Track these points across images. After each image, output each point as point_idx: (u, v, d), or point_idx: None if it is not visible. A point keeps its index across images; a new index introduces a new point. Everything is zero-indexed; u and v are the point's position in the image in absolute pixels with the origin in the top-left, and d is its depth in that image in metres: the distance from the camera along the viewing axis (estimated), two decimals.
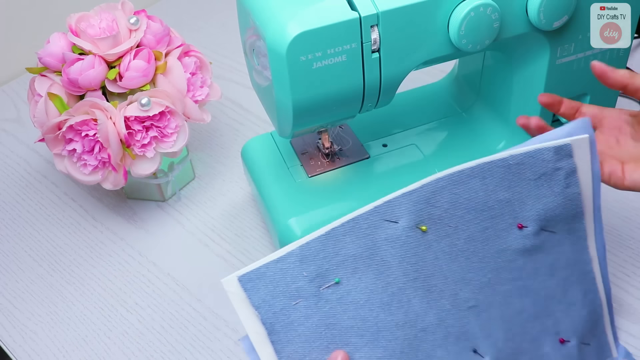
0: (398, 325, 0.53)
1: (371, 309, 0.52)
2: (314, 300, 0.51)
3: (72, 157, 0.74)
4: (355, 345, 0.51)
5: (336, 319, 0.51)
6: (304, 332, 0.51)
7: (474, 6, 0.59)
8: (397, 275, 0.53)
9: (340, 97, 0.61)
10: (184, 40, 0.81)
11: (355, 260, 0.53)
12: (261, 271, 0.51)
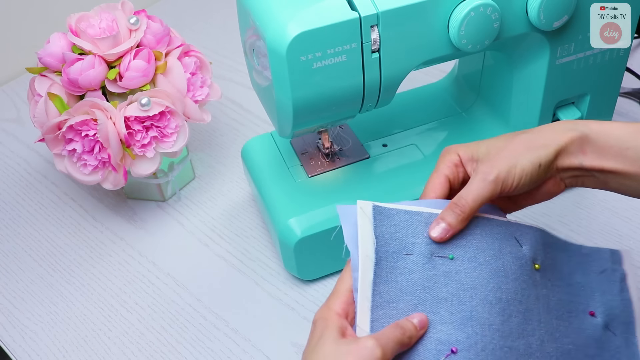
0: (491, 327, 0.52)
1: (472, 297, 0.52)
2: (423, 261, 0.52)
3: (72, 157, 0.74)
4: (442, 319, 0.51)
5: (435, 287, 0.52)
6: (402, 282, 0.52)
7: (474, 6, 0.59)
8: (509, 288, 0.53)
9: (340, 97, 0.61)
10: (184, 40, 0.81)
11: (477, 251, 0.54)
12: (392, 213, 0.53)
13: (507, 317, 0.53)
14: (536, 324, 0.55)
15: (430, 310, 0.51)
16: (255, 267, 0.77)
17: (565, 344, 0.57)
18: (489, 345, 0.51)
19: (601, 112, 0.76)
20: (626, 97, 0.94)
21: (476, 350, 0.50)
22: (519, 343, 0.53)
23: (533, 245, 0.56)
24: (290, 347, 0.70)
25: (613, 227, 0.78)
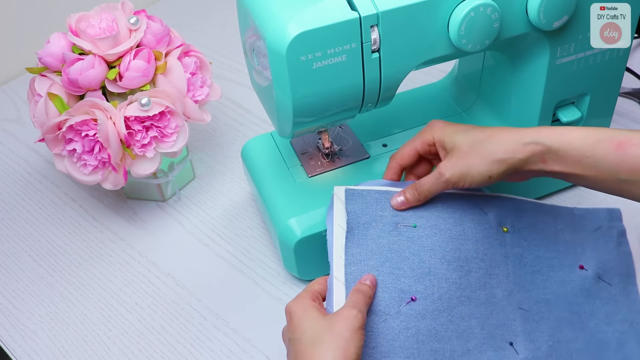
0: (448, 281, 0.61)
1: (432, 256, 0.61)
2: (390, 229, 0.62)
3: (72, 157, 0.74)
4: (405, 273, 0.60)
5: (400, 249, 0.61)
6: (371, 245, 0.62)
7: (474, 6, 0.59)
8: (469, 248, 0.63)
9: (340, 97, 0.61)
10: (184, 40, 0.81)
11: (438, 220, 0.63)
12: (364, 193, 0.64)
13: (465, 272, 0.62)
14: (503, 278, 0.63)
15: (395, 266, 0.61)
16: (255, 267, 0.77)
17: (542, 294, 0.64)
18: (446, 295, 0.60)
19: (601, 112, 0.76)
20: (626, 97, 0.94)
21: (433, 299, 0.60)
22: (479, 294, 0.62)
23: (500, 212, 0.65)
24: None
25: None
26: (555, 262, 0.66)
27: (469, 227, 0.63)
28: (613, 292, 0.66)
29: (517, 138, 0.58)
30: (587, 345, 0.64)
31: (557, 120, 0.74)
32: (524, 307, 0.63)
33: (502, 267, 0.64)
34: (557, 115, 0.74)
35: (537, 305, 0.64)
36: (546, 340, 0.63)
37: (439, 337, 0.59)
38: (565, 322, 0.64)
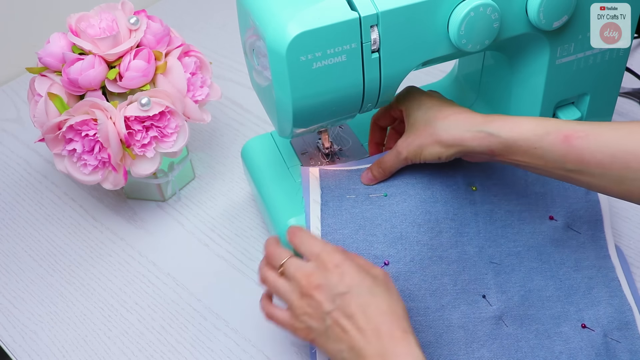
0: (419, 243, 0.64)
1: (402, 222, 0.65)
2: (362, 200, 0.67)
3: (72, 157, 0.74)
4: (378, 239, 0.64)
5: (372, 217, 0.66)
6: (345, 215, 0.66)
7: (474, 6, 0.59)
8: (438, 210, 0.66)
9: (340, 97, 0.61)
10: (184, 40, 0.81)
11: (407, 186, 0.67)
12: (337, 172, 0.70)
13: (436, 233, 0.66)
14: (474, 235, 0.67)
15: (369, 233, 0.65)
16: (255, 267, 0.77)
17: (512, 247, 0.68)
18: (418, 257, 0.64)
19: (601, 112, 0.76)
20: (626, 97, 0.94)
21: (405, 262, 0.63)
22: (451, 252, 0.66)
23: (468, 173, 0.69)
24: (290, 347, 0.70)
25: (612, 227, 0.78)
26: (525, 214, 0.69)
27: (437, 190, 0.67)
28: (582, 240, 0.70)
29: (467, 125, 0.60)
30: (557, 292, 0.68)
31: None
32: (495, 261, 0.67)
33: (472, 225, 0.67)
34: (557, 115, 0.74)
35: (508, 258, 0.68)
36: (518, 291, 0.67)
37: (413, 296, 0.63)
38: (536, 272, 0.68)
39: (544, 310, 0.66)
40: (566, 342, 0.65)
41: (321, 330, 0.54)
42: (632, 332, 0.66)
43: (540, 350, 0.64)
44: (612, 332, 0.65)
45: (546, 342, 0.65)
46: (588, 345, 0.65)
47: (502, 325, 0.65)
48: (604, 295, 0.68)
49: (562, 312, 0.67)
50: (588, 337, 0.65)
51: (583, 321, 0.66)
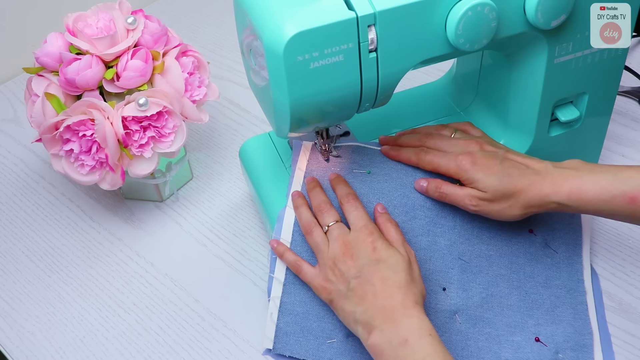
0: None
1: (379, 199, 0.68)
2: (345, 173, 0.70)
3: (70, 158, 0.74)
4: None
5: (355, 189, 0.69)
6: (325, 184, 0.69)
7: (472, 5, 0.59)
8: (417, 197, 0.69)
9: (337, 96, 0.61)
10: (182, 40, 0.81)
11: (391, 170, 0.70)
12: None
13: (410, 217, 0.68)
14: (448, 228, 0.69)
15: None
16: (253, 268, 0.77)
17: (485, 250, 0.69)
18: None
19: (600, 111, 0.76)
20: (625, 96, 0.94)
21: None
22: (421, 239, 0.68)
23: None
24: None
25: (612, 227, 0.78)
26: (505, 223, 0.69)
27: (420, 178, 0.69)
28: (557, 260, 0.71)
29: (542, 197, 0.63)
30: (520, 302, 0.68)
31: (555, 120, 0.74)
32: (464, 259, 0.68)
33: (449, 219, 0.69)
34: (555, 115, 0.74)
35: (477, 259, 0.69)
36: (480, 292, 0.67)
37: None
38: (503, 279, 0.69)
39: (501, 317, 0.67)
40: (515, 351, 0.65)
41: (342, 293, 0.61)
42: (586, 356, 0.65)
43: (487, 353, 0.65)
44: (565, 351, 0.65)
45: (495, 347, 0.65)
46: (536, 358, 0.65)
47: (455, 320, 0.66)
48: (567, 316, 0.68)
49: (520, 323, 0.67)
50: (538, 350, 0.65)
51: (538, 335, 0.66)
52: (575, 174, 0.63)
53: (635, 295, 0.71)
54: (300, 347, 0.65)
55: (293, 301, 0.66)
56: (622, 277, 0.73)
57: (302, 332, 0.65)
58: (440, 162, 0.68)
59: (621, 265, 0.74)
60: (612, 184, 0.60)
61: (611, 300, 0.71)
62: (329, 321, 0.65)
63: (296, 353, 0.64)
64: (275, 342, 0.65)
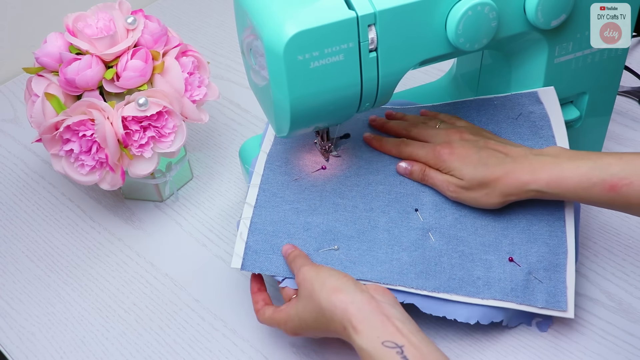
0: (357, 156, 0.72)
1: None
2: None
3: (70, 158, 0.74)
4: None
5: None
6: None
7: (472, 5, 0.59)
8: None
9: (337, 96, 0.61)
10: (182, 39, 0.81)
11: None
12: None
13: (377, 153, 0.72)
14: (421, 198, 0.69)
15: None
16: None
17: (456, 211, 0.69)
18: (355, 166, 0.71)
19: (600, 111, 0.76)
20: (625, 96, 0.94)
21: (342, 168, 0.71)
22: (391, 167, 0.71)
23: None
24: (289, 347, 0.69)
25: (612, 227, 0.78)
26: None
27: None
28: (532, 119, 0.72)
29: (520, 185, 0.64)
30: (494, 222, 0.68)
31: None
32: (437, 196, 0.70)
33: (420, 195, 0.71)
34: None
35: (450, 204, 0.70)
36: (453, 212, 0.68)
37: (343, 194, 0.69)
38: None
39: (475, 236, 0.67)
40: (487, 269, 0.66)
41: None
42: (559, 276, 0.66)
43: (459, 270, 0.66)
44: (537, 271, 0.66)
45: (468, 265, 0.66)
46: (508, 278, 0.65)
47: (429, 237, 0.67)
48: (543, 234, 0.67)
49: (494, 242, 0.67)
50: (511, 270, 0.66)
51: (512, 255, 0.67)
52: (554, 162, 0.63)
53: (635, 295, 0.71)
54: (270, 264, 0.66)
55: (263, 221, 0.68)
56: (622, 277, 0.73)
57: (272, 250, 0.66)
58: (420, 153, 0.69)
59: (621, 265, 0.74)
60: (591, 172, 0.60)
61: (611, 300, 0.71)
62: (298, 237, 0.67)
63: (265, 270, 0.65)
64: (244, 259, 0.66)
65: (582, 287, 0.73)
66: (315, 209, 0.69)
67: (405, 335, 0.54)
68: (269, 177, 0.71)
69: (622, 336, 0.68)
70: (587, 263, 0.75)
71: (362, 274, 0.65)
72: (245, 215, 0.68)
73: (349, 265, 0.66)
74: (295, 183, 0.70)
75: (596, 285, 0.73)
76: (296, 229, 0.67)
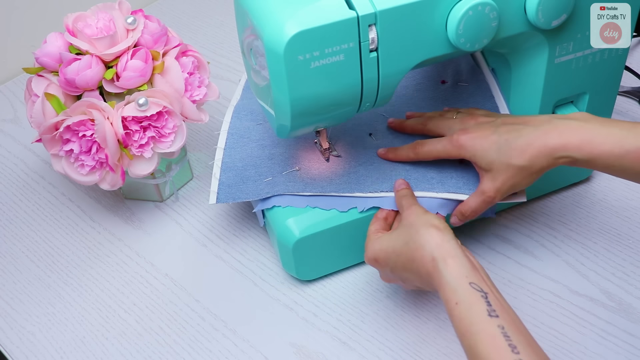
0: None
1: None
2: None
3: (70, 158, 0.74)
4: None
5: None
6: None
7: (472, 5, 0.59)
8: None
9: (338, 96, 0.61)
10: (182, 40, 0.80)
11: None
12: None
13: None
14: None
15: None
16: (253, 268, 0.77)
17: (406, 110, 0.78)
18: None
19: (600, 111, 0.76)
20: (625, 96, 0.94)
21: None
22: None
23: None
24: (289, 347, 0.69)
25: (612, 226, 0.78)
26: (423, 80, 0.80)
27: None
28: (470, 90, 0.78)
29: (546, 156, 0.60)
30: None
31: None
32: (385, 114, 0.77)
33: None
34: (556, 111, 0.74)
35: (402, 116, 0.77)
36: (404, 140, 0.73)
37: None
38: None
39: None
40: (440, 171, 0.71)
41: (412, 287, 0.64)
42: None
43: (414, 172, 0.71)
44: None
45: (421, 169, 0.71)
46: (459, 175, 0.70)
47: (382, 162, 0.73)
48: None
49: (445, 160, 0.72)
50: (462, 170, 0.70)
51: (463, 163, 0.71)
52: (584, 126, 0.59)
53: (635, 295, 0.71)
54: (241, 193, 0.72)
55: (233, 159, 0.75)
56: (622, 277, 0.73)
57: (243, 181, 0.73)
58: (437, 147, 0.68)
59: (621, 265, 0.74)
60: (625, 139, 0.57)
61: (611, 300, 0.71)
62: (264, 166, 0.74)
63: (238, 198, 0.72)
64: (218, 194, 0.72)
65: (582, 287, 0.73)
66: (278, 142, 0.76)
67: (489, 287, 0.55)
68: (235, 124, 0.79)
69: (622, 336, 0.68)
70: (587, 263, 0.75)
71: (321, 188, 0.71)
72: (217, 157, 0.75)
73: (310, 181, 0.71)
74: (260, 126, 0.78)
75: (596, 285, 0.73)
76: (262, 160, 0.75)
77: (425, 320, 0.71)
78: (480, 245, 0.77)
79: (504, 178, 0.63)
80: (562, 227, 0.78)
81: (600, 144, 0.58)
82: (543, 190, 0.81)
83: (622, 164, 0.58)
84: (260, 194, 0.71)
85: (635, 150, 0.57)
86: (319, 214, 0.70)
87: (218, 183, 0.73)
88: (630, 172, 0.59)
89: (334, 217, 0.70)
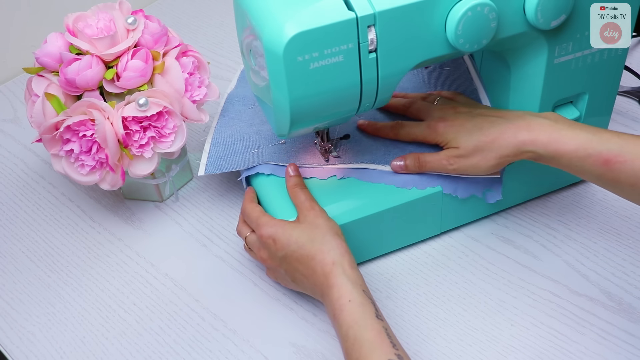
0: None
1: None
2: None
3: (70, 158, 0.74)
4: None
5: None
6: None
7: (471, 6, 0.59)
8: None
9: (337, 97, 0.61)
10: (182, 40, 0.81)
11: None
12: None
13: None
14: None
15: None
16: (253, 268, 0.77)
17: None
18: None
19: (600, 111, 0.76)
20: (625, 96, 0.94)
21: None
22: None
23: None
24: (288, 347, 0.69)
25: (612, 226, 0.78)
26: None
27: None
28: (451, 73, 0.80)
29: (516, 144, 0.65)
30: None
31: None
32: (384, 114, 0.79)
33: None
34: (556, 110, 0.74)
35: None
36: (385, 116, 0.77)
37: None
38: None
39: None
40: (419, 145, 0.73)
41: (288, 279, 0.68)
42: None
43: (394, 147, 0.74)
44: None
45: (402, 145, 0.74)
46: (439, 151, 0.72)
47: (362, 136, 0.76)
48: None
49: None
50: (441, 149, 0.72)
51: None
52: (553, 125, 0.64)
53: (635, 295, 0.71)
54: (229, 164, 0.76)
55: (223, 135, 0.79)
56: (622, 277, 0.73)
57: (230, 153, 0.76)
58: (415, 131, 0.72)
59: (621, 265, 0.74)
60: (589, 143, 0.61)
61: (611, 300, 0.71)
62: (251, 139, 0.77)
63: (225, 168, 0.75)
64: (207, 165, 0.76)
65: (582, 287, 0.73)
66: (266, 121, 0.79)
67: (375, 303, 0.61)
68: (228, 108, 0.83)
69: (622, 336, 0.68)
70: (587, 263, 0.75)
71: (304, 159, 0.74)
72: (209, 136, 0.80)
73: (294, 154, 0.75)
74: (251, 110, 0.82)
75: (596, 285, 0.73)
76: (250, 135, 0.78)
77: (425, 320, 0.71)
78: (480, 245, 0.77)
79: (468, 153, 0.67)
80: (562, 227, 0.78)
81: (565, 143, 0.62)
82: (543, 190, 0.81)
83: (583, 166, 0.62)
84: (246, 163, 0.75)
85: (596, 154, 0.61)
86: None
87: (207, 156, 0.77)
88: (588, 174, 0.63)
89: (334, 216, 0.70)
